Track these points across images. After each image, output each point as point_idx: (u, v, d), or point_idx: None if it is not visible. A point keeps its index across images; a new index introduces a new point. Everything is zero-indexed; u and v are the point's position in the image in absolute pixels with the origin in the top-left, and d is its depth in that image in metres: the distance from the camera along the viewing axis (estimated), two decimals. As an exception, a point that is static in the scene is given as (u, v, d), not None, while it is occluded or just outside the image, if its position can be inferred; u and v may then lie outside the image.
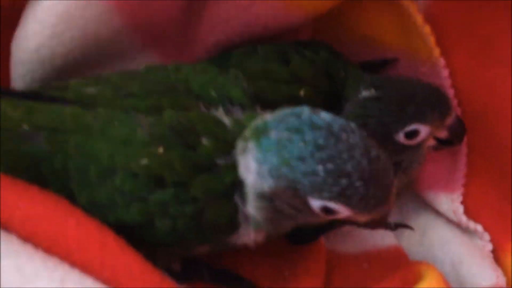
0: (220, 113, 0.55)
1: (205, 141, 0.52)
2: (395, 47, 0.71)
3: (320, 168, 0.48)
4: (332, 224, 0.68)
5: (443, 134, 0.66)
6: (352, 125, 0.51)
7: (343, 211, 0.51)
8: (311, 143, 0.48)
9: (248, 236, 0.56)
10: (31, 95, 0.57)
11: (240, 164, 0.52)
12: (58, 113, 0.54)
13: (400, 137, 0.64)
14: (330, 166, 0.48)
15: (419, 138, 0.65)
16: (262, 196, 0.51)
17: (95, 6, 0.57)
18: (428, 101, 0.63)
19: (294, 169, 0.48)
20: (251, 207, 0.53)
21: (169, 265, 0.62)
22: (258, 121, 0.53)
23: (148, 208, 0.52)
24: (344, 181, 0.48)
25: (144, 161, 0.51)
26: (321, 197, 0.49)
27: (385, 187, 0.51)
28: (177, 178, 0.51)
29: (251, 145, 0.51)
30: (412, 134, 0.64)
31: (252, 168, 0.51)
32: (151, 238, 0.54)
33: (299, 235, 0.69)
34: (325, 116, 0.51)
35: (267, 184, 0.50)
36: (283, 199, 0.51)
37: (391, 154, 0.65)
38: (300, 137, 0.49)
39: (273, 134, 0.50)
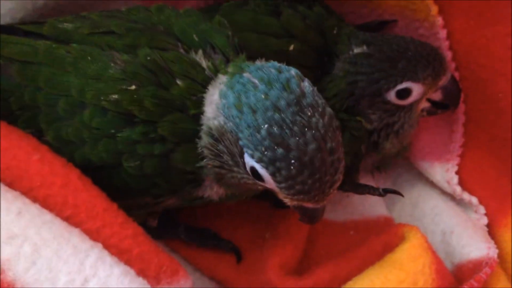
0: (199, 57, 0.53)
1: (179, 81, 0.50)
2: (393, 7, 0.68)
3: (265, 127, 0.45)
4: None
5: (437, 96, 0.63)
6: (328, 110, 0.48)
7: (268, 181, 0.47)
8: (271, 100, 0.45)
9: (212, 189, 0.54)
10: (6, 29, 0.55)
11: (205, 99, 0.50)
12: (30, 46, 0.52)
13: (392, 96, 0.61)
14: (275, 130, 0.45)
15: (411, 98, 0.61)
16: (210, 132, 0.49)
17: None
18: (421, 58, 0.60)
19: (242, 116, 0.46)
20: (203, 144, 0.50)
21: (144, 220, 0.61)
22: (241, 61, 0.51)
23: (116, 146, 0.50)
24: (280, 151, 0.45)
25: (115, 96, 0.49)
26: (252, 156, 0.46)
27: (323, 183, 0.46)
28: (146, 116, 0.49)
29: (225, 78, 0.49)
30: (404, 93, 0.61)
31: (214, 99, 0.49)
32: (119, 181, 0.52)
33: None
34: (305, 85, 0.47)
35: (217, 120, 0.48)
36: (226, 143, 0.48)
37: (383, 115, 0.63)
38: (266, 89, 0.46)
39: (246, 76, 0.48)
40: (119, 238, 0.46)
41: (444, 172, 0.69)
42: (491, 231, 0.68)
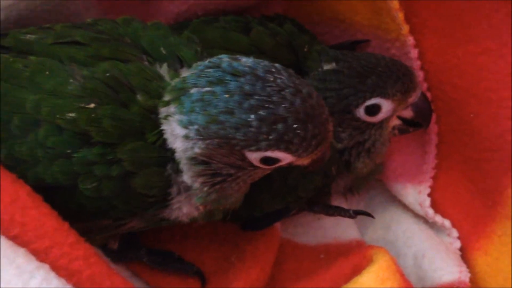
0: (163, 70, 0.51)
1: (139, 96, 0.48)
2: (366, 27, 0.67)
3: (252, 117, 0.44)
4: (286, 212, 0.64)
5: (408, 113, 0.62)
6: (277, 65, 0.48)
7: (284, 158, 0.47)
8: (237, 92, 0.44)
9: (181, 211, 0.52)
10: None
11: (166, 132, 0.47)
12: None
13: (361, 112, 0.60)
14: (262, 113, 0.44)
15: (381, 115, 0.60)
16: (195, 161, 0.47)
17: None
18: (391, 74, 0.59)
19: (224, 125, 0.44)
20: (187, 177, 0.49)
21: (105, 242, 0.58)
22: (176, 81, 0.48)
23: (72, 167, 0.47)
24: (280, 126, 0.44)
25: (71, 115, 0.47)
26: (258, 148, 0.45)
27: (322, 123, 0.47)
28: (104, 138, 0.47)
29: (173, 108, 0.47)
30: (373, 110, 0.60)
31: (178, 133, 0.46)
32: (75, 203, 0.49)
33: (251, 222, 0.65)
34: (246, 60, 0.47)
35: (197, 147, 0.46)
36: (219, 159, 0.47)
37: (353, 133, 0.62)
38: (223, 88, 0.45)
39: (194, 91, 0.46)
40: (69, 259, 0.43)
41: (417, 194, 0.68)
42: (464, 254, 0.66)
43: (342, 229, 0.71)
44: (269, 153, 0.46)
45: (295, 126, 0.45)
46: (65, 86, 0.48)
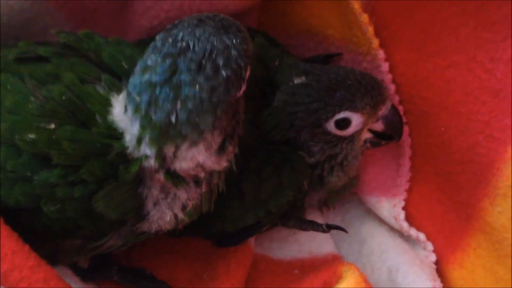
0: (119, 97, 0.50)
1: (98, 118, 0.48)
2: (338, 40, 0.67)
3: None
4: (258, 227, 0.64)
5: (379, 126, 0.62)
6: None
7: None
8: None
9: (163, 220, 0.51)
10: None
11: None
12: None
13: (331, 126, 0.60)
14: None
15: (351, 128, 0.60)
16: None
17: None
18: (359, 87, 0.59)
19: None
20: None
21: (73, 261, 0.57)
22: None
23: (33, 189, 0.47)
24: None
25: (31, 136, 0.46)
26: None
27: None
28: (66, 160, 0.46)
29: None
30: (343, 123, 0.60)
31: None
32: (40, 224, 0.48)
33: (224, 237, 0.65)
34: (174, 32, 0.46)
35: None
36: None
37: (324, 147, 0.62)
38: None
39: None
40: (28, 282, 0.42)
41: (391, 208, 0.68)
42: (440, 268, 0.66)
43: (318, 244, 0.71)
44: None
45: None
46: (25, 104, 0.48)
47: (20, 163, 0.46)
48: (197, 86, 0.44)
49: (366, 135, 0.63)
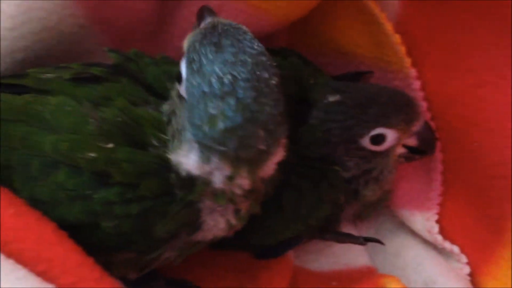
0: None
1: (153, 139, 0.50)
2: (368, 59, 0.70)
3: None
4: (298, 240, 0.66)
5: (412, 141, 0.64)
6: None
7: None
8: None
9: (218, 226, 0.53)
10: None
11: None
12: (8, 102, 0.52)
13: (366, 142, 0.62)
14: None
15: (386, 144, 0.62)
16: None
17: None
18: (393, 104, 0.61)
19: None
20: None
21: (125, 273, 0.59)
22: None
23: (92, 207, 0.49)
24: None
25: (92, 155, 0.49)
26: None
27: None
28: (124, 178, 0.49)
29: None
30: (378, 139, 0.62)
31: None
32: (97, 239, 0.51)
33: (264, 250, 0.67)
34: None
35: None
36: None
37: (360, 162, 0.64)
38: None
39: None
40: (94, 294, 0.45)
41: (425, 221, 0.69)
42: (474, 280, 0.67)
43: (353, 256, 0.73)
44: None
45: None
46: (84, 125, 0.50)
47: (80, 182, 0.49)
48: (266, 108, 0.45)
49: (400, 150, 0.65)
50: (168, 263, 0.57)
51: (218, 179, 0.48)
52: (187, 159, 0.48)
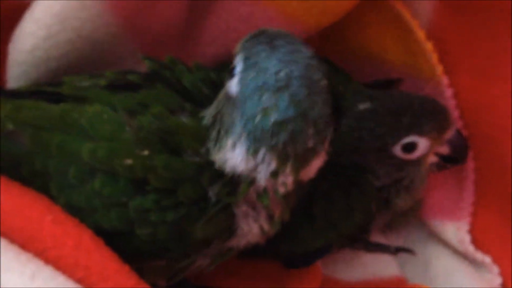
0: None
1: (188, 149, 0.50)
2: (399, 66, 0.69)
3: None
4: (328, 249, 0.66)
5: (444, 150, 0.63)
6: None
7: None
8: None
9: (252, 232, 0.53)
10: (21, 94, 0.56)
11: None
12: (45, 110, 0.53)
13: (398, 150, 0.61)
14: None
15: (418, 152, 0.62)
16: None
17: (91, 7, 0.57)
18: (425, 112, 0.61)
19: None
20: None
21: (156, 281, 0.59)
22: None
23: (128, 214, 0.49)
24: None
25: (129, 161, 0.49)
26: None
27: None
28: (160, 184, 0.49)
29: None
30: (409, 147, 0.61)
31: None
32: (132, 246, 0.51)
33: (294, 259, 0.67)
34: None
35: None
36: None
37: (391, 170, 0.63)
38: None
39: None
40: (130, 301, 0.45)
41: (456, 231, 0.69)
42: (506, 291, 0.66)
43: (382, 266, 0.72)
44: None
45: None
46: (120, 133, 0.50)
47: (116, 189, 0.49)
48: (317, 106, 0.46)
49: (432, 158, 0.64)
50: (199, 271, 0.57)
51: (262, 175, 0.48)
52: (233, 154, 0.48)
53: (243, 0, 0.63)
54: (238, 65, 0.48)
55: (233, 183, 0.49)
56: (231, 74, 0.49)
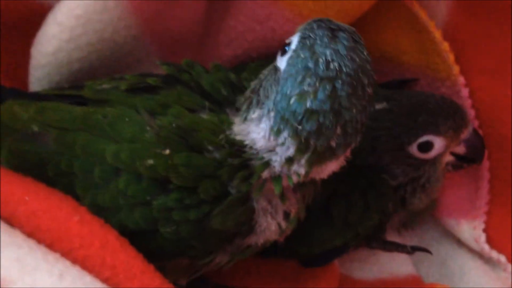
0: (230, 112, 0.53)
1: (209, 146, 0.51)
2: (414, 66, 0.70)
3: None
4: (345, 248, 0.66)
5: (460, 149, 0.64)
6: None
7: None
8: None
9: (270, 229, 0.53)
10: (45, 96, 0.57)
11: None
12: (68, 112, 0.54)
13: (414, 149, 0.62)
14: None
15: (434, 152, 0.62)
16: None
17: (112, 10, 0.58)
18: (441, 111, 0.61)
19: None
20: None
21: (178, 279, 0.60)
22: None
23: (152, 213, 0.50)
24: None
25: (150, 162, 0.50)
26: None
27: None
28: (182, 182, 0.50)
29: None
30: (425, 146, 0.61)
31: None
32: (155, 245, 0.52)
33: (312, 258, 0.67)
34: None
35: None
36: None
37: (407, 170, 0.63)
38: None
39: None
40: (156, 300, 0.46)
41: (472, 230, 0.69)
42: (521, 289, 0.67)
43: (398, 264, 0.72)
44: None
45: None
46: (142, 133, 0.51)
47: (140, 189, 0.50)
48: (354, 110, 0.45)
49: (448, 158, 0.65)
50: (217, 268, 0.58)
51: (278, 159, 0.48)
52: (257, 128, 0.49)
53: (260, 1, 0.64)
54: (293, 42, 0.47)
55: (250, 171, 0.49)
56: (283, 49, 0.48)
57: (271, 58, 0.68)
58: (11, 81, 0.65)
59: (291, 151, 0.47)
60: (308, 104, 0.45)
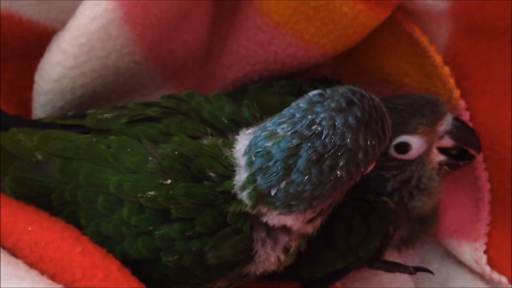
0: (232, 138, 0.54)
1: (209, 171, 0.51)
2: (415, 89, 0.70)
3: None
4: (347, 271, 0.66)
5: (447, 142, 0.63)
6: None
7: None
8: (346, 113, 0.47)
9: (269, 260, 0.54)
10: (48, 124, 0.58)
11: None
12: (72, 141, 0.54)
13: (393, 152, 0.62)
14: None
15: (414, 151, 0.62)
16: None
17: (116, 38, 0.59)
18: (410, 110, 0.61)
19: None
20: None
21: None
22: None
23: (154, 242, 0.51)
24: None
25: (152, 193, 0.50)
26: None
27: None
28: (183, 214, 0.50)
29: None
30: (403, 147, 0.61)
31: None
32: (158, 273, 0.52)
33: (313, 281, 0.67)
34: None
35: None
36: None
37: (394, 173, 0.63)
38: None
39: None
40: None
41: (473, 252, 0.69)
42: (521, 311, 0.67)
43: (399, 284, 0.73)
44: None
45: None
46: (144, 163, 0.52)
47: (143, 219, 0.50)
48: (306, 177, 0.45)
49: (439, 157, 0.64)
50: None
51: (239, 179, 0.49)
52: (238, 177, 0.50)
53: (263, 26, 0.64)
54: (313, 92, 0.49)
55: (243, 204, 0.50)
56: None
57: (270, 79, 0.70)
58: (13, 106, 0.66)
59: (244, 177, 0.49)
60: (269, 144, 0.46)
